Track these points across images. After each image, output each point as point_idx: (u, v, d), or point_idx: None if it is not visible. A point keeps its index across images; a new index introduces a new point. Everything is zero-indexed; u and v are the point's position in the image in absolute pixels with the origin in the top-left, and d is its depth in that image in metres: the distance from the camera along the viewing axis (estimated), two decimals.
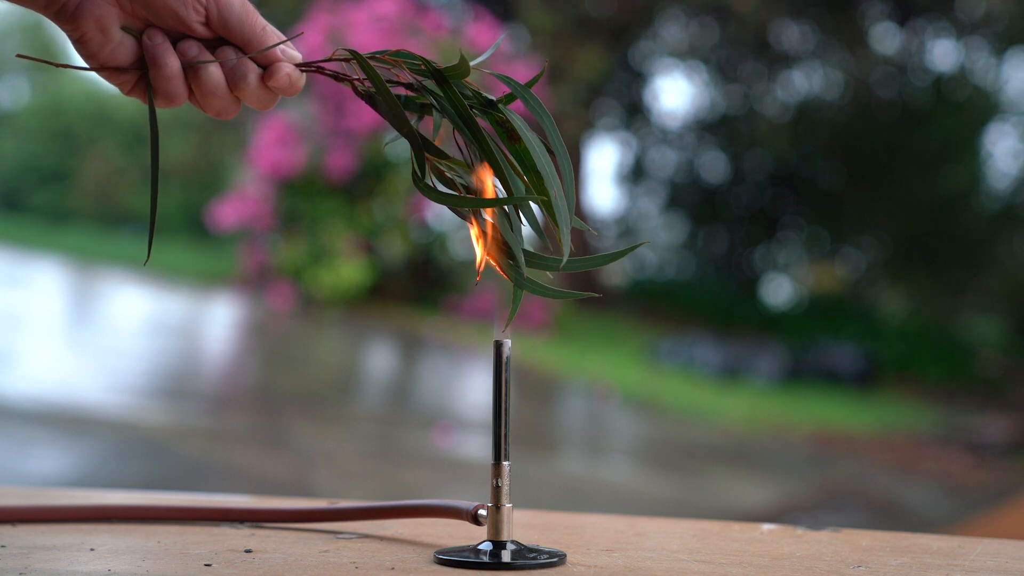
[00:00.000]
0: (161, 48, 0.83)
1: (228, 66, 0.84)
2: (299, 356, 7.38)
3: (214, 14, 0.83)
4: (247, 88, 0.84)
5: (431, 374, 7.63)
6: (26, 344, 6.64)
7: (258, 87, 0.85)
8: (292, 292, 8.97)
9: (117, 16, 0.82)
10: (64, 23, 0.82)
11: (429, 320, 8.94)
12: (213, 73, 0.84)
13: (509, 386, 0.85)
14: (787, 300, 14.23)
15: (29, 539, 0.90)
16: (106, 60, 0.83)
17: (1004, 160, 13.35)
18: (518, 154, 0.82)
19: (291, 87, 0.85)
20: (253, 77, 0.84)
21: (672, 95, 21.18)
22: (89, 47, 0.82)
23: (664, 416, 6.68)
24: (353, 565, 0.82)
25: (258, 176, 9.33)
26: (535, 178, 0.81)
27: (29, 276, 10.46)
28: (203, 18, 0.83)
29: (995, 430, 7.06)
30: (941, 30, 13.02)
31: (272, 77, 0.84)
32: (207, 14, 0.83)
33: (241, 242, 9.91)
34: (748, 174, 14.33)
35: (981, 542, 0.92)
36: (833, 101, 13.53)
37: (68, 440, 4.10)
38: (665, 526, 1.01)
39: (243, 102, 0.86)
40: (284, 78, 0.84)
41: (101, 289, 10.70)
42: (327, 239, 8.90)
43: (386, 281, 9.32)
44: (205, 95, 0.85)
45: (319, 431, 4.85)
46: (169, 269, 11.75)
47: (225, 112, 0.86)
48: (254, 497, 1.15)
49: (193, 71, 0.84)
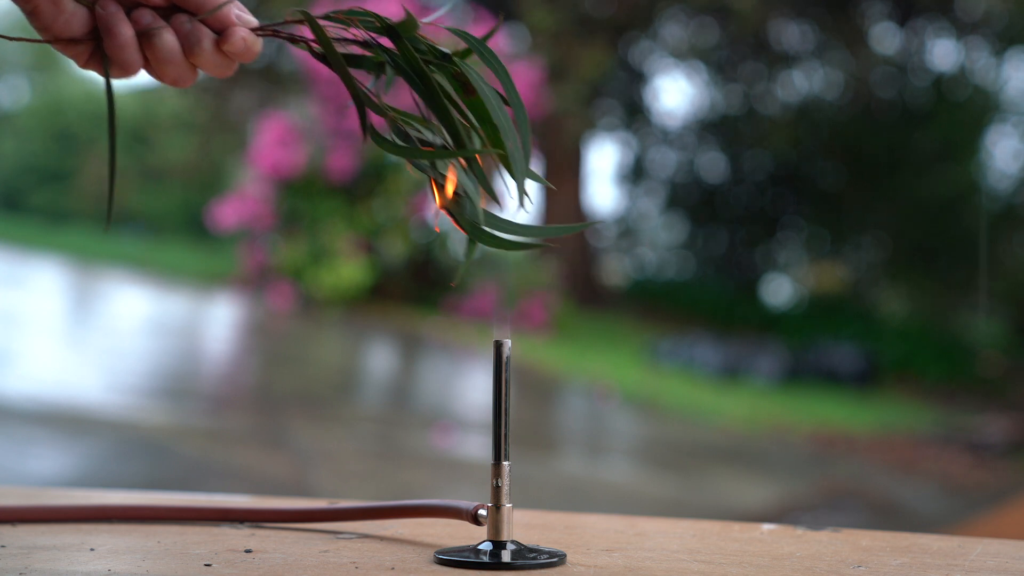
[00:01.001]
0: (114, 17, 0.82)
1: (183, 32, 0.83)
2: (299, 356, 7.38)
3: None
4: (202, 54, 0.83)
5: (431, 374, 7.63)
6: (26, 344, 6.64)
7: (213, 53, 0.84)
8: (292, 292, 8.97)
9: None
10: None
11: (429, 320, 8.94)
12: (167, 40, 0.83)
13: (509, 386, 0.85)
14: (787, 300, 14.23)
15: (29, 539, 0.90)
16: (60, 32, 0.82)
17: (1004, 160, 13.35)
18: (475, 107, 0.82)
19: (247, 51, 0.84)
20: (208, 43, 0.83)
21: (672, 95, 21.16)
22: (42, 19, 0.82)
23: (664, 416, 6.68)
24: (353, 565, 0.82)
25: (258, 176, 9.34)
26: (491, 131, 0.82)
27: (29, 276, 10.46)
28: None
29: (995, 430, 7.06)
30: (941, 30, 13.02)
31: (227, 41, 0.83)
32: None
33: (241, 242, 9.91)
34: (748, 174, 14.33)
35: (981, 542, 0.92)
36: (833, 101, 13.53)
37: (68, 440, 4.10)
38: (665, 526, 1.01)
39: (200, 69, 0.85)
40: (239, 42, 0.83)
41: (101, 289, 10.70)
42: (327, 239, 8.90)
43: (386, 281, 9.32)
44: (160, 63, 0.83)
45: (319, 431, 4.85)
46: (169, 269, 11.76)
47: (181, 80, 0.85)
48: (254, 497, 1.15)
49: (147, 38, 0.83)
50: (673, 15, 12.96)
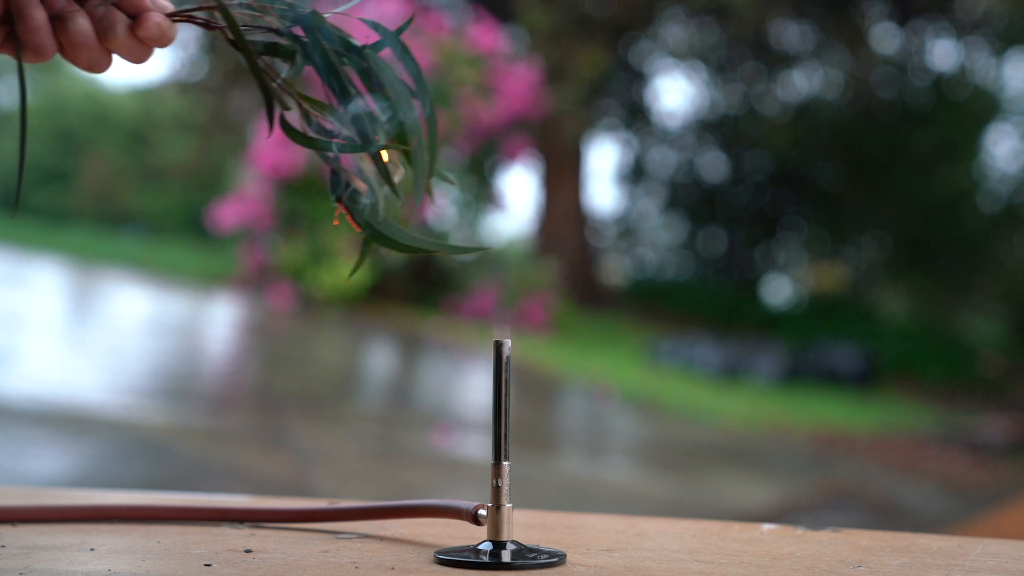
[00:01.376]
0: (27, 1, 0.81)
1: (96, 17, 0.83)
2: (299, 356, 7.38)
3: None
4: (116, 39, 0.83)
5: (431, 374, 7.63)
6: (26, 344, 6.64)
7: (128, 38, 0.83)
8: (292, 292, 8.97)
9: None
10: None
11: (429, 320, 8.94)
12: (81, 24, 0.82)
13: (509, 386, 0.85)
14: (787, 300, 14.23)
15: (29, 539, 0.90)
16: None
17: (1004, 160, 13.35)
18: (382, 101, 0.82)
19: (161, 37, 0.83)
20: (122, 27, 0.83)
21: (672, 95, 21.19)
22: None
23: (664, 416, 6.68)
24: (353, 565, 0.82)
25: (258, 176, 9.34)
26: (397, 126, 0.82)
27: (29, 276, 10.46)
28: None
29: (995, 430, 7.06)
30: (941, 30, 13.02)
31: (141, 26, 0.83)
32: None
33: (241, 242, 9.91)
34: (748, 174, 14.33)
35: (981, 542, 0.92)
36: (833, 101, 13.53)
37: (68, 440, 4.10)
38: (665, 526, 1.01)
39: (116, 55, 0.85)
40: (153, 26, 0.83)
41: (101, 289, 10.70)
42: (327, 239, 8.90)
43: (386, 281, 9.32)
44: (74, 47, 0.83)
45: (319, 431, 4.86)
46: (169, 269, 11.76)
47: (96, 65, 0.84)
48: (254, 497, 1.15)
49: (61, 23, 0.82)
50: (673, 15, 12.96)
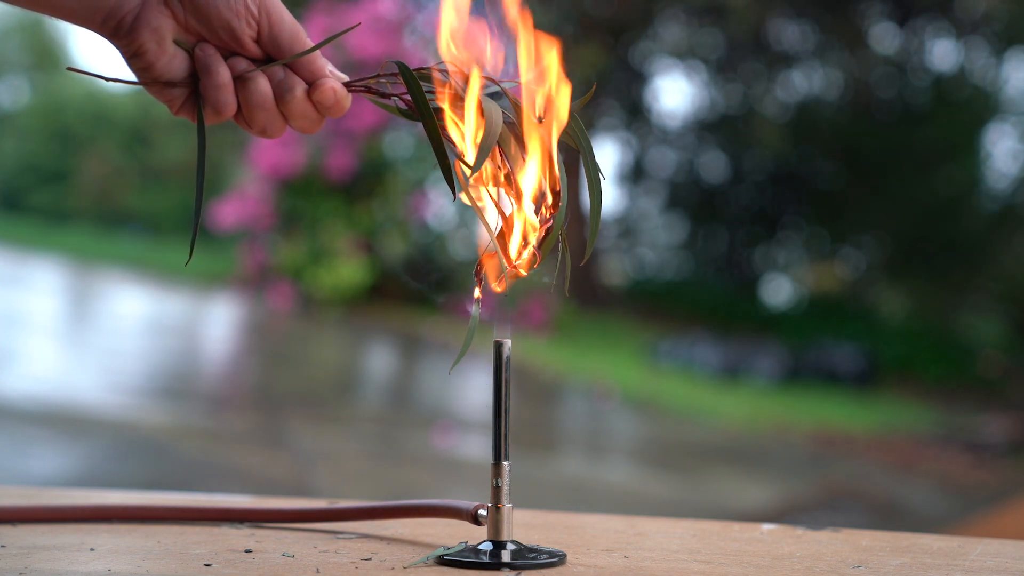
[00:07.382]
0: (213, 58, 0.85)
1: (276, 80, 0.86)
2: (299, 356, 7.38)
3: (265, 29, 0.85)
4: (293, 101, 0.86)
5: (431, 374, 7.63)
6: (26, 344, 6.64)
7: (304, 102, 0.86)
8: (292, 292, 8.97)
9: (172, 28, 0.84)
10: (120, 39, 0.83)
11: (429, 320, 8.94)
12: (261, 84, 0.86)
13: (509, 386, 0.85)
14: (787, 300, 14.23)
15: (29, 539, 0.90)
16: (159, 74, 0.85)
17: (1004, 160, 13.34)
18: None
19: (336, 104, 0.87)
20: (300, 91, 0.86)
21: (672, 95, 21.19)
22: (144, 59, 0.84)
23: (664, 416, 6.68)
24: (353, 565, 0.82)
25: (258, 176, 9.34)
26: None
27: (29, 276, 10.45)
28: (255, 32, 0.85)
29: (995, 430, 7.06)
30: (941, 30, 13.02)
31: (317, 91, 0.86)
32: (259, 29, 0.85)
33: (241, 242, 9.91)
34: (748, 174, 14.33)
35: (981, 542, 0.92)
36: (833, 101, 13.53)
37: (68, 440, 4.10)
38: (665, 526, 1.01)
39: (289, 120, 0.88)
40: (329, 91, 0.86)
41: (101, 289, 10.70)
42: (327, 239, 8.90)
43: (386, 281, 9.32)
44: (252, 107, 0.86)
45: (319, 431, 4.86)
46: (169, 269, 11.77)
47: (271, 128, 0.88)
48: (254, 497, 1.15)
49: (242, 83, 0.86)
50: (673, 15, 12.96)
